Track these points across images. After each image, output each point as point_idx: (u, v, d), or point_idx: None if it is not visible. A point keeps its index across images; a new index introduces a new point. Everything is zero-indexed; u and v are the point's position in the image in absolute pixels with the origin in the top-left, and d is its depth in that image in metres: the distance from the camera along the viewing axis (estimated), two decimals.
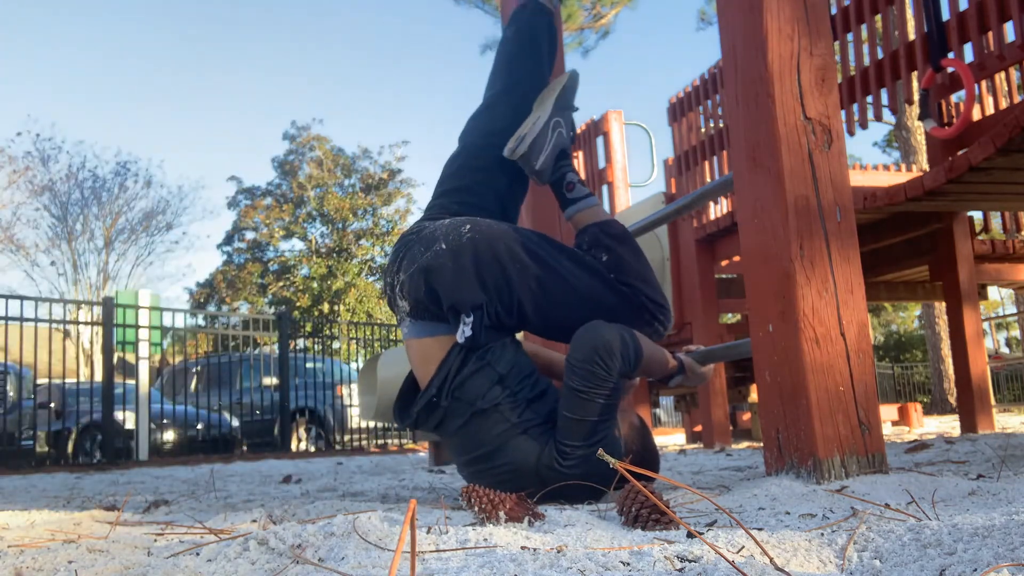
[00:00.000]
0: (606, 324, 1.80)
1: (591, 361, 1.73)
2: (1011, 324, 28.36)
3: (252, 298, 23.91)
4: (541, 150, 2.08)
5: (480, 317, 1.82)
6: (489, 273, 1.84)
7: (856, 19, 4.37)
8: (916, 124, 14.00)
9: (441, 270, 1.84)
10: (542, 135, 2.09)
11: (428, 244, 1.89)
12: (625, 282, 1.95)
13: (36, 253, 21.77)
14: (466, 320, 1.83)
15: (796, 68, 1.83)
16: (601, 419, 1.75)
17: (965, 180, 3.45)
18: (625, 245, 2.03)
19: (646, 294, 1.96)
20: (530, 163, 2.07)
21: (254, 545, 1.05)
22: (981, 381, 4.49)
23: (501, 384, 1.83)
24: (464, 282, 1.83)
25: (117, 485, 3.85)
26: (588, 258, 1.97)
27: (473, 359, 1.84)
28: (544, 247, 1.91)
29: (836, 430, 1.68)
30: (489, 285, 1.84)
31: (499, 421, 1.81)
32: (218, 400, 9.48)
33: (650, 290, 1.97)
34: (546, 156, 2.09)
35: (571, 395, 1.75)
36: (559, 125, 2.13)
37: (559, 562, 0.89)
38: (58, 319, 8.69)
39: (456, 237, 1.87)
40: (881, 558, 0.88)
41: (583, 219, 2.09)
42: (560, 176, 2.14)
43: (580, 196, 2.11)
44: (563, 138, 2.15)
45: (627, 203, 6.79)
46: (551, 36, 2.37)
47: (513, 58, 2.31)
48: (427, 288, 1.86)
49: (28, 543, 1.33)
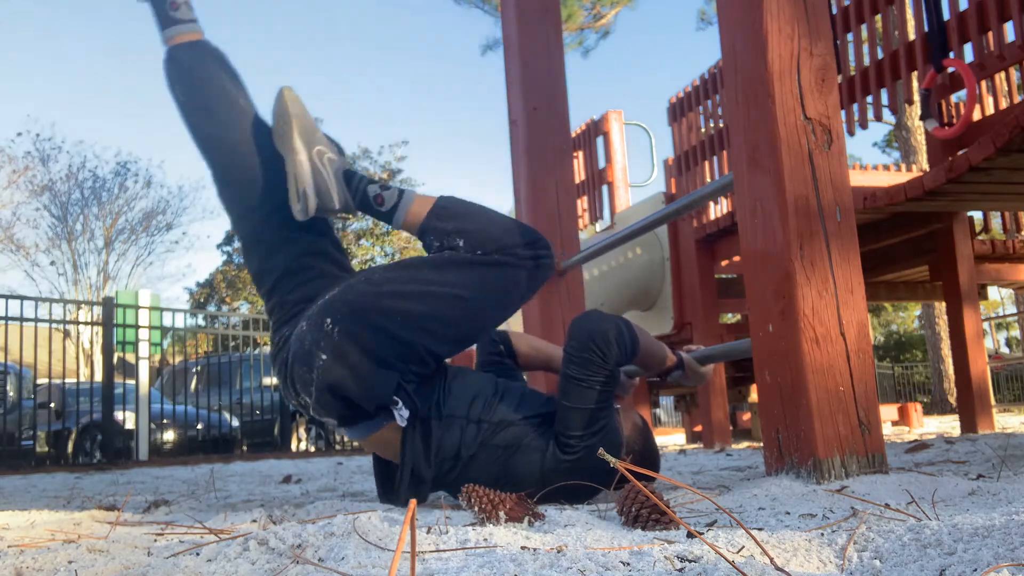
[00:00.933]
0: (601, 312, 1.82)
1: (587, 349, 1.74)
2: (1011, 324, 28.36)
3: (252, 298, 23.91)
4: (329, 190, 1.87)
5: (404, 393, 1.75)
6: (381, 348, 1.73)
7: (856, 19, 4.37)
8: (916, 124, 14.00)
9: (341, 381, 1.73)
10: (316, 175, 1.87)
11: (309, 362, 1.76)
12: (492, 250, 1.80)
13: (36, 253, 21.81)
14: (396, 405, 1.75)
15: (796, 68, 1.83)
16: (599, 407, 1.76)
17: (965, 180, 3.46)
18: (466, 218, 1.85)
19: (514, 247, 1.81)
20: (330, 209, 1.88)
21: (254, 545, 1.05)
22: (981, 381, 4.50)
23: (474, 423, 1.79)
24: (369, 378, 1.73)
25: (117, 485, 3.85)
26: (447, 254, 1.81)
27: (432, 422, 1.78)
28: (403, 276, 1.79)
29: (836, 430, 1.68)
30: (390, 358, 1.74)
31: (492, 452, 1.79)
32: (218, 400, 9.48)
33: (513, 238, 1.82)
34: (337, 191, 1.87)
35: (570, 384, 1.76)
36: (321, 153, 1.89)
37: (559, 562, 0.89)
38: (58, 319, 8.71)
39: (327, 339, 1.73)
40: (881, 558, 0.88)
41: (412, 219, 1.87)
42: (362, 196, 1.90)
43: (393, 201, 1.89)
44: (336, 161, 1.91)
45: (627, 203, 6.79)
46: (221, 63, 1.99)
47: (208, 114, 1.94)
48: (342, 402, 1.76)
49: (28, 543, 1.33)
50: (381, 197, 1.88)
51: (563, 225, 3.21)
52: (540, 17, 3.34)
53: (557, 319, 3.07)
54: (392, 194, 1.89)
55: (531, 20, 3.31)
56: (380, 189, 1.90)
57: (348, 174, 1.91)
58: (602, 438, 1.78)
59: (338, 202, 1.86)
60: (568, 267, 3.10)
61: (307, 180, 1.85)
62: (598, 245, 2.96)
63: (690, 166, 5.72)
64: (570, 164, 3.33)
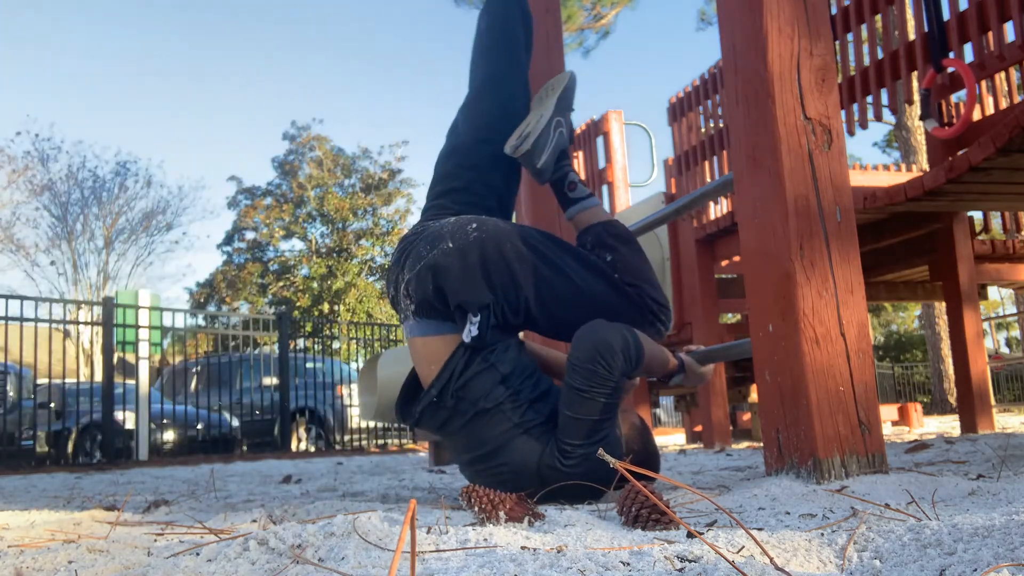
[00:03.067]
0: (608, 323, 1.80)
1: (593, 360, 1.73)
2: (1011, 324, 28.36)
3: (252, 298, 23.91)
4: (543, 149, 2.07)
5: (487, 317, 1.81)
6: (496, 272, 1.83)
7: (856, 19, 4.37)
8: (916, 124, 14.00)
9: (448, 268, 1.83)
10: (544, 134, 2.08)
11: (434, 242, 1.88)
12: (629, 282, 1.96)
13: (36, 253, 21.80)
14: (472, 320, 1.81)
15: (796, 68, 1.83)
16: (602, 418, 1.75)
17: (965, 180, 3.45)
18: (629, 245, 2.03)
19: (650, 295, 1.96)
20: (532, 161, 2.07)
21: (254, 545, 1.05)
22: (981, 381, 4.49)
23: (504, 384, 1.82)
24: (471, 281, 1.82)
25: (117, 485, 3.85)
26: (593, 258, 1.98)
27: (478, 359, 1.83)
28: (549, 246, 1.91)
29: (836, 430, 1.68)
30: (496, 284, 1.83)
31: (502, 420, 1.81)
32: (218, 400, 9.48)
33: (653, 291, 1.97)
34: (548, 155, 2.08)
35: (572, 394, 1.75)
36: (560, 125, 2.13)
37: (559, 562, 0.89)
38: (58, 319, 8.70)
39: (463, 236, 1.86)
40: (881, 558, 0.88)
41: (585, 219, 2.09)
42: (562, 176, 2.14)
43: (582, 196, 2.12)
44: (563, 138, 2.14)
45: (627, 203, 6.79)
46: (526, 25, 2.36)
47: (489, 50, 2.30)
48: (434, 286, 1.85)
49: (28, 543, 1.33)
50: (574, 185, 2.13)
51: (563, 225, 3.20)
52: (540, 17, 3.33)
53: None
54: (583, 191, 2.13)
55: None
56: (579, 181, 2.13)
57: (564, 153, 2.16)
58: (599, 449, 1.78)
59: (541, 162, 2.07)
60: None
61: (535, 129, 2.07)
62: None
63: (690, 166, 5.72)
64: None
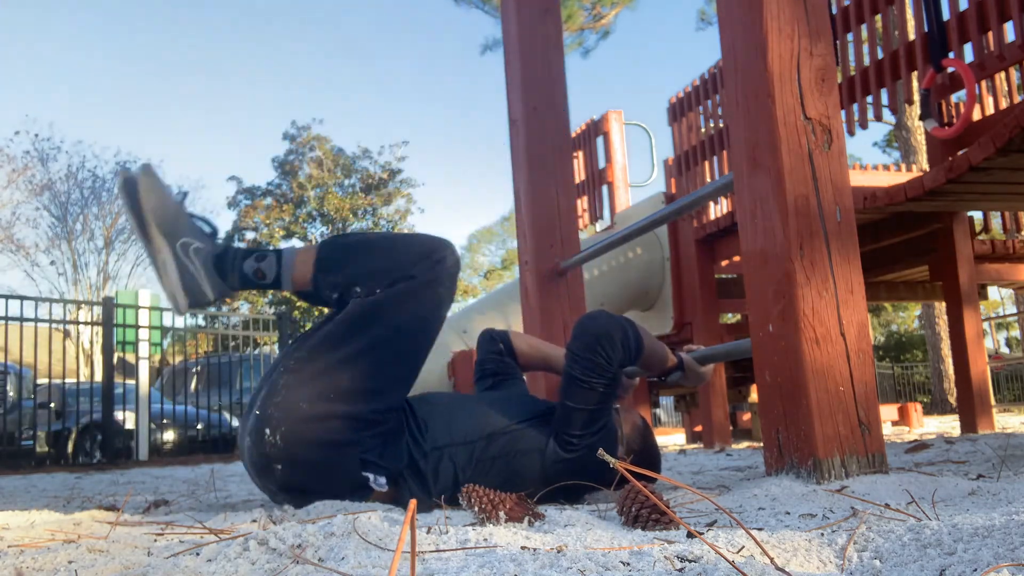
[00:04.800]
0: (607, 314, 1.81)
1: (592, 350, 1.74)
2: (1011, 324, 28.36)
3: (252, 298, 23.91)
4: (199, 283, 1.75)
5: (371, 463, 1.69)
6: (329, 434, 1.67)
7: (856, 19, 4.37)
8: (916, 124, 13.99)
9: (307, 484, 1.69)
10: (184, 271, 1.74)
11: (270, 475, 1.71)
12: (387, 283, 1.74)
13: (36, 253, 21.81)
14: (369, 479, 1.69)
15: (796, 68, 1.83)
16: (601, 407, 1.77)
17: (965, 180, 3.46)
18: (350, 262, 1.78)
19: (408, 269, 1.75)
20: (205, 299, 1.76)
21: (254, 545, 1.05)
22: (981, 381, 4.50)
23: (463, 445, 1.75)
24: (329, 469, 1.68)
25: (117, 485, 3.85)
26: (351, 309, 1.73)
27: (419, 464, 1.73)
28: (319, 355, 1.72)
29: (836, 430, 1.68)
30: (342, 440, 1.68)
31: (491, 463, 1.77)
32: (218, 400, 9.47)
33: (401, 261, 1.76)
34: (209, 283, 1.76)
35: (572, 384, 1.75)
36: (186, 245, 1.75)
37: (559, 562, 0.89)
38: (58, 319, 8.70)
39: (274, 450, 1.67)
40: (881, 558, 0.88)
41: (300, 279, 1.79)
42: (240, 276, 1.78)
43: (273, 271, 1.78)
44: (203, 249, 1.76)
45: (627, 203, 6.79)
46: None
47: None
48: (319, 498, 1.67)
49: (28, 543, 1.32)
50: (260, 271, 1.77)
51: (563, 225, 3.21)
52: (540, 17, 3.34)
53: (557, 319, 3.07)
54: (270, 263, 1.78)
55: (531, 20, 3.31)
56: (256, 262, 1.77)
57: (219, 258, 1.77)
58: (602, 437, 1.79)
59: (212, 293, 1.76)
60: (568, 267, 3.10)
61: (173, 280, 1.74)
62: (598, 245, 2.96)
63: (690, 166, 5.72)
64: (570, 164, 3.33)
